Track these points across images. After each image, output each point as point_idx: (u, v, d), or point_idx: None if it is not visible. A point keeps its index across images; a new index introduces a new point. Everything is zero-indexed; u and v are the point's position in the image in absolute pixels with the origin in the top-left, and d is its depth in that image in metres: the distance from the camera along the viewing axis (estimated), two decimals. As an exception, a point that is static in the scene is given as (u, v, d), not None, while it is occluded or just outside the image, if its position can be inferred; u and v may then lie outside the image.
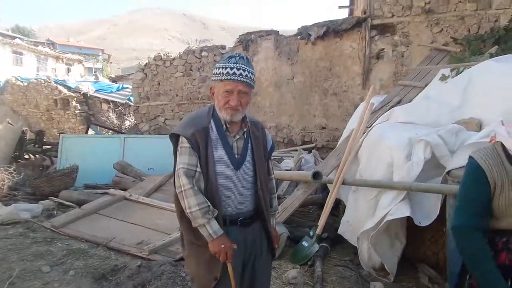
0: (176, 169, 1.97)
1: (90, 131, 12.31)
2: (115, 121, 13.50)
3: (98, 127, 12.91)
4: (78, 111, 15.25)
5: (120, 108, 14.09)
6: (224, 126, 2.03)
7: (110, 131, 12.10)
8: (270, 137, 2.30)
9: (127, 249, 4.04)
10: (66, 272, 3.62)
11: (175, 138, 2.04)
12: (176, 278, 3.39)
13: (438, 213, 3.33)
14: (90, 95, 15.60)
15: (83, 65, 32.49)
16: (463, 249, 1.74)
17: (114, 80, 19.94)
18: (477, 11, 7.33)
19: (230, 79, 1.94)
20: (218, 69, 1.98)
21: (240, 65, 1.95)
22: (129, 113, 12.86)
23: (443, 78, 4.90)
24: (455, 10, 7.51)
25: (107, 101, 15.19)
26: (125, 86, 16.55)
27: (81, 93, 15.55)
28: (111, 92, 16.02)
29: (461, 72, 4.67)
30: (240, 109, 2.00)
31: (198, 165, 1.96)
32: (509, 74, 3.70)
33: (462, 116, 3.94)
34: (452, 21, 7.52)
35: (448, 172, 3.21)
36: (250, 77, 1.98)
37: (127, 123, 13.18)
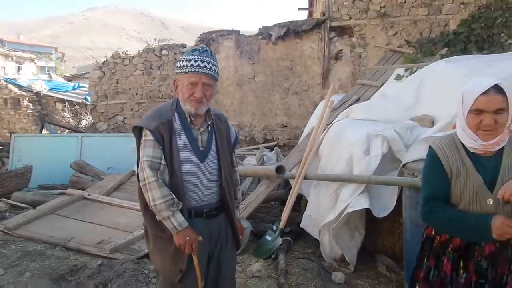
0: (140, 162, 1.95)
1: (45, 131, 11.78)
2: (71, 120, 13.00)
3: (54, 126, 12.38)
4: (30, 111, 14.53)
5: (76, 107, 13.59)
6: (188, 119, 2.03)
7: (67, 131, 11.64)
8: (234, 130, 2.33)
9: (87, 248, 3.92)
10: (21, 274, 3.46)
11: (138, 131, 2.02)
12: (139, 275, 3.34)
13: (394, 204, 3.49)
14: (43, 94, 14.90)
15: (35, 63, 30.95)
16: (437, 217, 1.82)
17: (69, 79, 19.19)
18: (429, 16, 7.76)
19: (195, 71, 1.94)
20: (182, 62, 1.98)
21: (204, 57, 1.96)
22: (86, 112, 12.43)
23: (398, 77, 5.13)
24: (408, 15, 7.90)
25: (62, 100, 14.59)
26: (81, 85, 15.97)
27: (34, 92, 14.83)
28: (66, 91, 15.39)
29: (414, 72, 4.92)
30: (205, 102, 2.00)
31: (163, 157, 1.95)
32: (457, 73, 3.94)
33: (416, 113, 4.15)
34: (405, 25, 7.91)
35: (404, 165, 3.38)
36: (214, 70, 2.00)
37: (83, 122, 12.73)
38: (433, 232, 1.94)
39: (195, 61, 1.95)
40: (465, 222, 1.75)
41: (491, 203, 1.73)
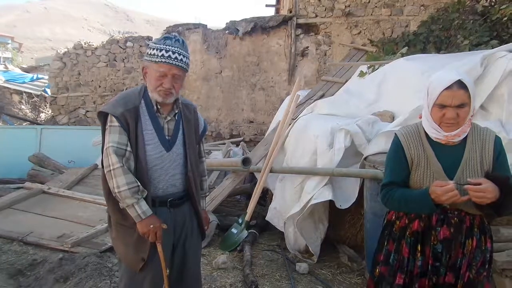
0: (105, 148, 1.92)
1: (1, 123, 11.23)
2: (28, 113, 12.44)
3: (11, 118, 11.81)
4: (-17, 103, 13.79)
5: (34, 99, 13.01)
6: (155, 107, 2.01)
7: (25, 123, 11.14)
8: (203, 120, 2.32)
9: (47, 243, 3.79)
10: (-25, 271, 3.31)
11: (103, 117, 1.98)
12: (102, 269, 3.27)
13: (356, 195, 3.61)
14: (-2, 85, 14.18)
15: (-12, 53, 29.31)
16: (392, 198, 1.90)
17: (27, 71, 18.33)
18: (391, 16, 8.03)
19: (165, 62, 1.92)
20: (153, 50, 1.94)
21: (176, 48, 1.94)
22: (45, 105, 11.94)
23: (361, 74, 5.28)
24: (372, 14, 8.15)
25: (19, 92, 13.93)
26: (40, 76, 15.30)
27: (-12, 83, 14.08)
28: (24, 82, 14.69)
29: (376, 70, 5.08)
30: (173, 92, 1.99)
31: (128, 144, 1.93)
32: (416, 71, 4.11)
33: (378, 109, 4.30)
34: (369, 24, 8.15)
35: (365, 158, 3.51)
36: (185, 62, 1.98)
37: (43, 115, 12.21)
38: (393, 217, 2.03)
39: (167, 51, 1.92)
40: (413, 196, 1.84)
41: None
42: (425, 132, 1.88)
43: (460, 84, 1.72)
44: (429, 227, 1.88)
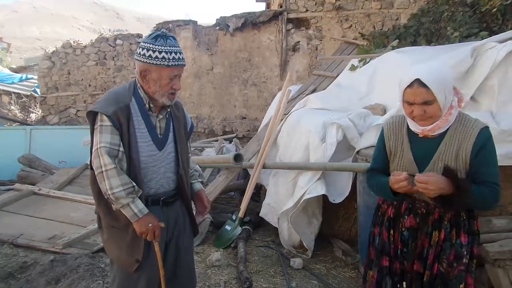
0: (95, 148, 1.86)
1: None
2: (18, 114, 12.29)
3: (0, 118, 11.66)
4: (-28, 104, 13.59)
5: (24, 99, 12.86)
6: (147, 105, 1.97)
7: (15, 124, 11.00)
8: (190, 117, 2.30)
9: (38, 244, 3.75)
10: (-35, 274, 3.26)
11: (92, 116, 1.92)
12: (94, 269, 3.23)
13: (349, 189, 3.61)
14: (-13, 86, 13.99)
15: (-24, 53, 28.90)
16: (371, 184, 2.06)
17: (16, 71, 18.08)
18: (381, 10, 8.02)
19: (177, 64, 1.90)
20: (160, 53, 1.85)
21: (177, 48, 1.91)
22: (35, 105, 11.80)
23: (353, 68, 5.27)
24: (362, 8, 8.13)
25: (8, 93, 13.75)
26: (29, 76, 15.11)
27: (-24, 83, 13.88)
28: (13, 83, 14.48)
29: (367, 63, 5.06)
30: (177, 93, 2.00)
31: (121, 144, 1.88)
32: (407, 63, 4.09)
33: (369, 102, 4.29)
34: (360, 18, 8.14)
35: (358, 152, 3.49)
36: (184, 59, 1.98)
37: (33, 116, 12.07)
38: (380, 202, 2.10)
39: (176, 53, 1.88)
40: (381, 183, 1.97)
41: None
42: (407, 124, 1.92)
43: (420, 83, 1.72)
44: (399, 214, 1.97)
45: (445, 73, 1.81)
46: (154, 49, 1.86)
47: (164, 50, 1.86)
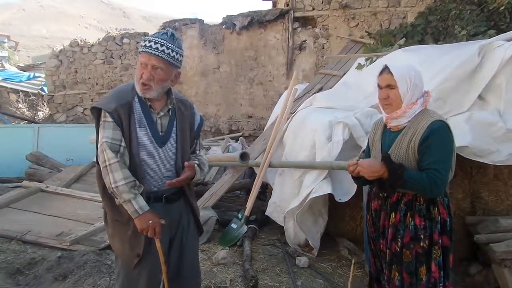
0: (99, 143, 1.91)
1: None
2: (26, 112, 12.40)
3: (8, 117, 11.76)
4: (-19, 102, 13.71)
5: (32, 98, 12.96)
6: (147, 102, 1.99)
7: (23, 121, 11.10)
8: (199, 115, 2.28)
9: (45, 241, 3.78)
10: (-26, 270, 3.30)
11: (96, 112, 1.97)
12: (101, 266, 3.26)
13: (356, 188, 3.59)
14: (-5, 84, 14.11)
15: (-16, 52, 29.12)
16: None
17: (23, 69, 18.21)
18: (388, 8, 7.98)
19: (145, 51, 1.90)
20: (146, 41, 1.94)
21: (160, 39, 1.91)
22: (43, 103, 11.90)
23: (359, 67, 5.24)
24: (369, 6, 8.09)
25: (16, 91, 13.87)
26: (37, 75, 15.22)
27: (-16, 82, 14.00)
28: (21, 81, 14.59)
29: (374, 62, 5.04)
30: (152, 86, 1.93)
31: (123, 139, 1.92)
32: (414, 61, 4.06)
33: (376, 101, 4.22)
34: (366, 16, 8.10)
35: (364, 151, 3.48)
36: (168, 53, 1.91)
37: (40, 114, 12.17)
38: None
39: (149, 41, 1.91)
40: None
41: None
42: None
43: (387, 69, 2.03)
44: (370, 198, 2.24)
45: (413, 73, 2.03)
46: (146, 39, 1.94)
47: (152, 39, 1.92)
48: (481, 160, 3.03)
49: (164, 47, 1.91)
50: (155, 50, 1.89)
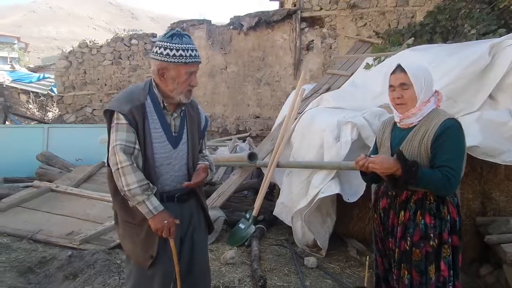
0: (112, 146, 1.90)
1: (8, 122, 11.32)
2: (36, 112, 12.53)
3: (18, 117, 11.90)
4: (-8, 103, 13.88)
5: (41, 98, 13.11)
6: (162, 104, 2.00)
7: (33, 122, 11.22)
8: (204, 115, 2.31)
9: (56, 240, 3.82)
10: (-14, 269, 3.34)
11: (109, 114, 1.96)
12: (111, 265, 3.29)
13: (364, 189, 3.58)
14: (6, 85, 14.28)
15: (-4, 53, 29.46)
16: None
17: (33, 70, 18.43)
18: (396, 7, 7.94)
19: (194, 61, 1.93)
20: (177, 51, 1.89)
21: (193, 45, 1.95)
22: (52, 104, 12.01)
23: (367, 66, 5.23)
24: (377, 6, 8.05)
25: (26, 92, 14.03)
26: (46, 75, 15.39)
27: (-4, 83, 14.18)
28: (31, 82, 14.78)
29: (382, 61, 5.02)
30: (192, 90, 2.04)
31: (137, 142, 1.92)
32: (422, 61, 4.05)
33: (384, 101, 4.23)
34: (374, 16, 8.06)
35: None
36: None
37: (50, 114, 12.29)
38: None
39: (192, 50, 1.92)
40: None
41: None
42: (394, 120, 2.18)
43: (400, 68, 2.02)
44: (377, 197, 2.22)
45: (426, 72, 2.04)
46: (171, 47, 1.89)
47: (181, 48, 1.90)
48: (491, 160, 3.00)
49: (197, 52, 1.97)
50: (199, 58, 1.97)
